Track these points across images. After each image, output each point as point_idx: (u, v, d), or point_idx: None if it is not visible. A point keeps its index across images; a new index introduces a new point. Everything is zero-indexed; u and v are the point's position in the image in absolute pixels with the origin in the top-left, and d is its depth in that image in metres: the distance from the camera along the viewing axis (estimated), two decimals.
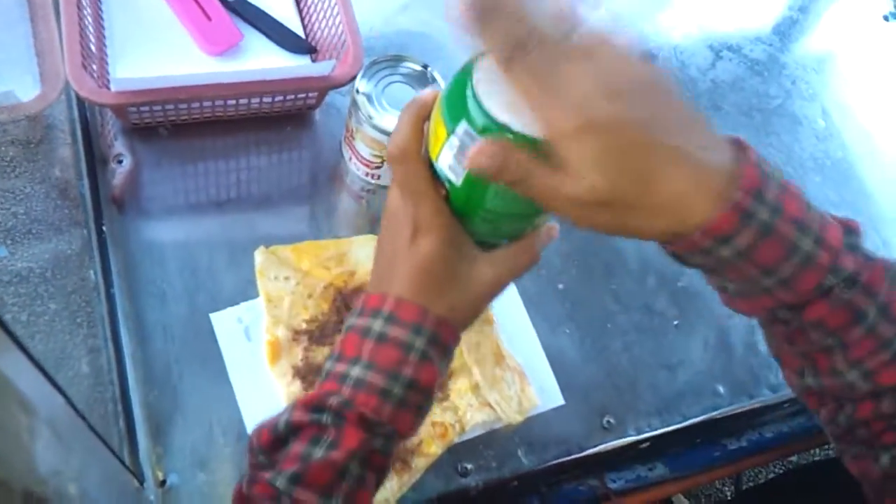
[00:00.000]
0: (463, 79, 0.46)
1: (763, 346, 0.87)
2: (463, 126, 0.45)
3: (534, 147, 0.43)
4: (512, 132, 0.43)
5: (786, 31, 1.16)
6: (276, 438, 0.50)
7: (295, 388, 0.72)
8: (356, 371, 0.50)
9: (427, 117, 0.51)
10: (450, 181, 0.49)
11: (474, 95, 0.45)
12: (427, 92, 0.52)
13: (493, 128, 0.44)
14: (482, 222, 0.51)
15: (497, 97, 0.44)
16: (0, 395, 0.26)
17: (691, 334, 0.86)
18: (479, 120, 0.44)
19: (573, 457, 0.77)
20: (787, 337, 0.50)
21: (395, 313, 0.50)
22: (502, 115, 0.44)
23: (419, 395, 0.51)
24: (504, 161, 0.43)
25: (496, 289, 0.54)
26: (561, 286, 0.86)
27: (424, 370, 0.50)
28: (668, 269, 0.89)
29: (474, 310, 0.54)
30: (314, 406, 0.50)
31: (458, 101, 0.46)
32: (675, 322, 0.86)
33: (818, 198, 0.99)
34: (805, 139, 1.05)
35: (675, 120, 0.42)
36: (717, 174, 0.42)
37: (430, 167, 0.50)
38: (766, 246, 0.43)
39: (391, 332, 0.50)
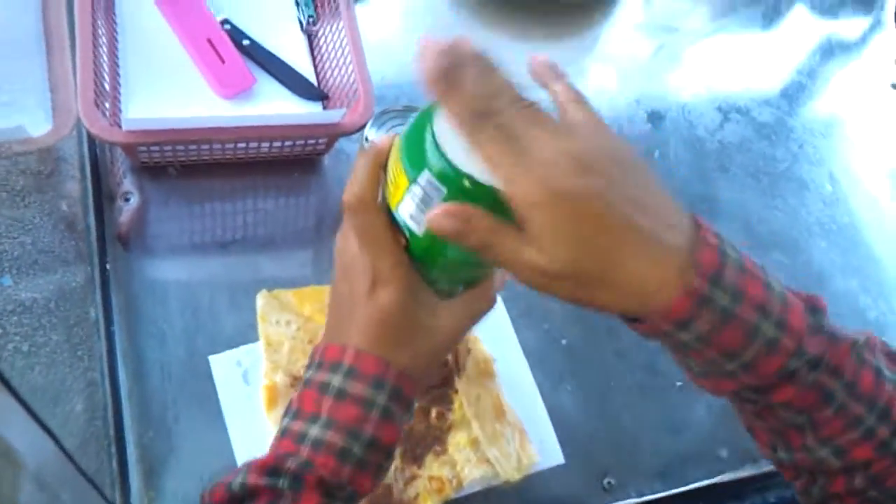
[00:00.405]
0: (423, 123, 0.45)
1: None
2: (425, 175, 0.44)
3: (497, 200, 0.41)
4: (475, 183, 0.42)
5: (794, 95, 1.16)
6: (230, 499, 0.48)
7: None
8: (315, 431, 0.48)
9: (384, 164, 0.49)
10: (410, 230, 0.47)
11: (436, 142, 0.43)
12: (384, 138, 0.51)
13: (455, 178, 0.42)
14: (441, 271, 0.50)
15: (460, 144, 0.42)
16: None
17: (694, 396, 0.85)
18: (443, 169, 0.43)
19: None
20: (757, 414, 0.49)
21: (355, 367, 0.49)
22: (466, 165, 0.42)
23: (380, 455, 0.49)
24: (467, 226, 0.42)
25: (456, 336, 0.54)
26: (564, 342, 0.85)
27: (386, 428, 0.49)
28: None
29: (435, 359, 0.53)
30: (271, 469, 0.48)
31: (419, 148, 0.44)
32: (679, 383, 0.85)
33: (823, 263, 0.99)
34: (812, 203, 1.05)
35: (642, 197, 0.42)
36: (677, 256, 0.41)
37: (389, 214, 0.48)
38: (726, 332, 0.42)
39: (351, 388, 0.49)
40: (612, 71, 1.12)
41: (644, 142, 1.05)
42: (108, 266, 0.78)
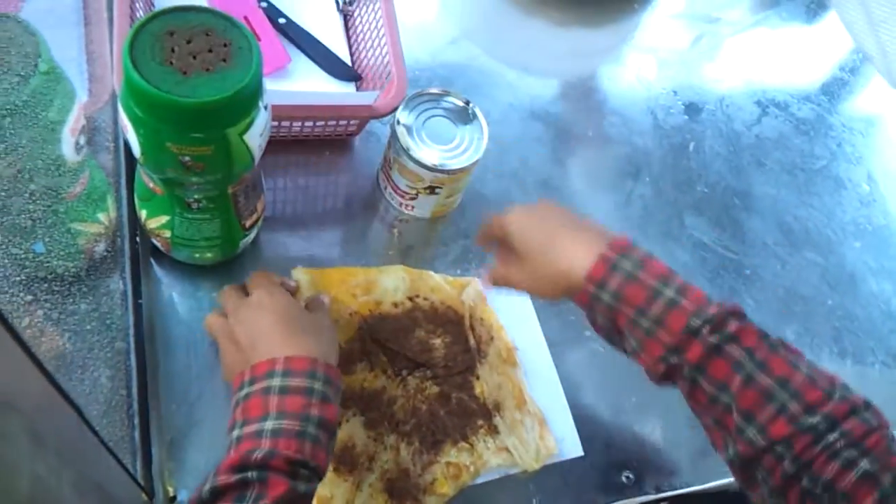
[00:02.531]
0: None
1: None
2: None
3: None
4: None
5: (835, 91, 1.14)
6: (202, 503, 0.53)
7: None
8: (269, 424, 0.57)
9: None
10: None
11: None
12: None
13: None
14: None
15: None
16: (3, 421, 0.26)
17: None
18: None
19: None
20: (693, 396, 0.58)
21: (288, 368, 0.60)
22: None
23: (327, 433, 0.59)
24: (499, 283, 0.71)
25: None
26: (588, 333, 0.84)
27: (328, 408, 0.59)
28: None
29: (336, 346, 0.68)
30: (238, 466, 0.54)
31: None
32: None
33: (856, 263, 0.98)
34: (848, 203, 1.04)
35: (571, 220, 0.66)
36: (598, 243, 0.61)
37: None
38: (631, 289, 0.58)
39: (291, 384, 0.59)
40: (650, 60, 1.10)
41: (679, 134, 1.04)
42: (137, 239, 0.78)
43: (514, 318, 0.82)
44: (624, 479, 0.77)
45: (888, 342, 0.93)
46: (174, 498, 0.68)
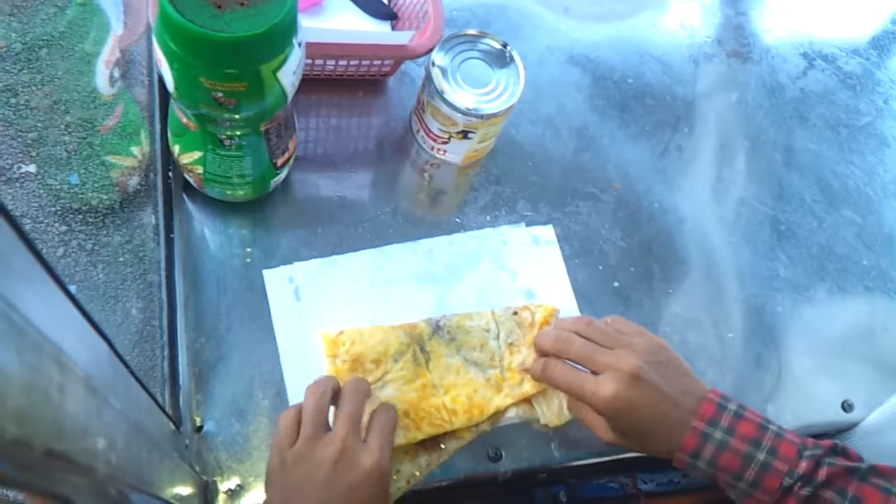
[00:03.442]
0: None
1: (822, 373, 0.84)
2: None
3: None
4: None
5: (885, 45, 1.10)
6: None
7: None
8: None
9: None
10: None
11: None
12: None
13: None
14: None
15: None
16: (33, 352, 0.26)
17: (745, 348, 0.84)
18: None
19: (604, 459, 0.76)
20: None
21: None
22: None
23: None
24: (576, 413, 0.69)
25: None
26: (616, 284, 0.84)
27: None
28: (730, 280, 0.87)
29: None
30: None
31: None
32: (730, 335, 0.84)
33: (893, 223, 0.95)
34: (890, 162, 1.01)
35: (666, 388, 0.64)
36: (688, 416, 0.63)
37: None
38: (725, 457, 0.61)
39: None
40: (694, 6, 1.07)
41: (722, 84, 1.01)
42: (170, 173, 0.79)
43: (543, 267, 0.82)
44: None
45: None
46: (201, 427, 0.70)
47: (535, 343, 0.72)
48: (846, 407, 0.83)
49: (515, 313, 0.76)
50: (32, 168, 0.79)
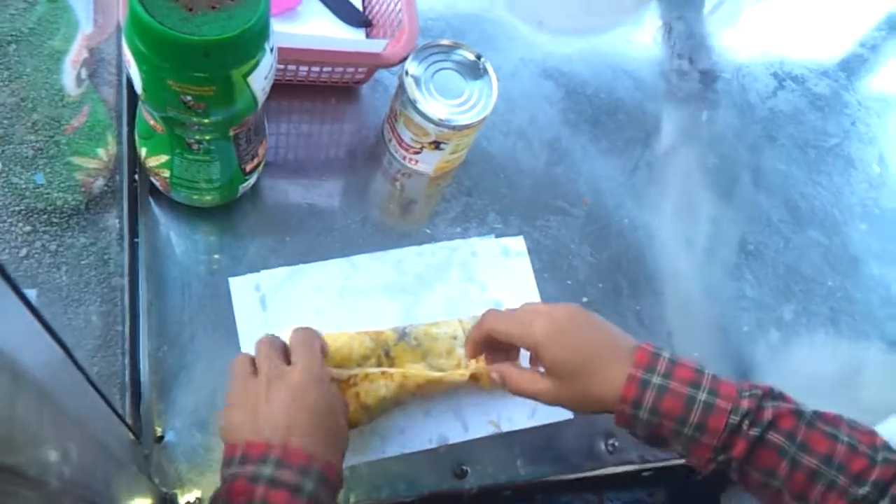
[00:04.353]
0: None
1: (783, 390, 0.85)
2: None
3: None
4: None
5: (854, 68, 1.12)
6: None
7: None
8: None
9: None
10: None
11: None
12: None
13: None
14: None
15: None
16: None
17: (711, 366, 0.84)
18: None
19: (570, 476, 0.76)
20: (745, 483, 0.61)
21: (283, 458, 0.56)
22: None
23: None
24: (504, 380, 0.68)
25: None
26: (585, 299, 0.84)
27: None
28: (697, 298, 0.88)
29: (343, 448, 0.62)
30: None
31: None
32: (695, 353, 0.84)
33: (860, 246, 0.97)
34: (857, 183, 1.02)
35: (598, 330, 0.65)
36: (625, 361, 0.61)
37: None
38: (666, 402, 0.59)
39: (281, 476, 0.55)
40: (668, 24, 1.08)
41: (693, 102, 1.02)
42: (136, 176, 0.77)
43: (513, 279, 0.82)
44: (609, 446, 0.77)
45: (885, 328, 0.92)
46: (161, 438, 0.69)
47: (470, 343, 0.72)
48: None
49: None
50: None
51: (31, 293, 0.76)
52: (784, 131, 1.03)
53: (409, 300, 0.78)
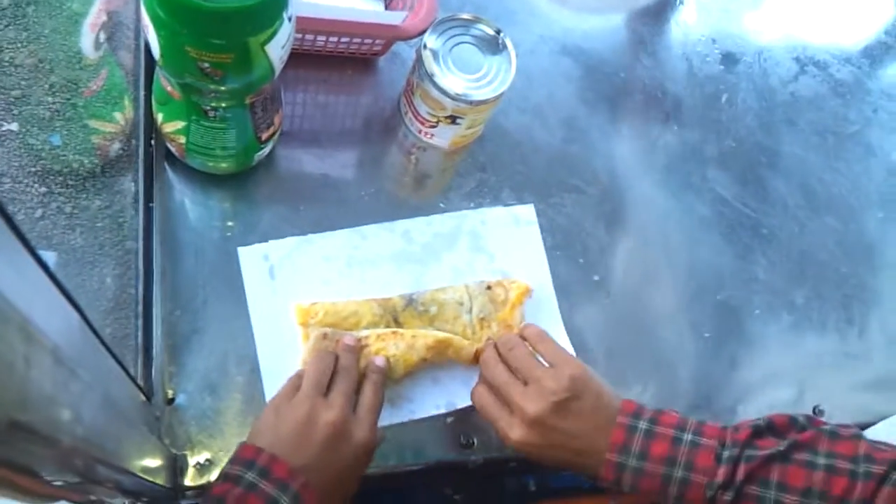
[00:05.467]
0: None
1: (795, 377, 0.85)
2: None
3: None
4: None
5: (877, 55, 1.11)
6: None
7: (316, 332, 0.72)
8: None
9: None
10: None
11: None
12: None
13: None
14: None
15: None
16: None
17: (721, 348, 0.84)
18: None
19: None
20: None
21: (267, 467, 0.58)
22: None
23: None
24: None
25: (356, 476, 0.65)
26: (596, 278, 0.84)
27: None
28: (709, 280, 0.87)
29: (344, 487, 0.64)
30: None
31: None
32: (706, 334, 0.84)
33: (875, 234, 0.96)
34: (875, 171, 1.01)
35: (576, 423, 0.64)
36: (603, 445, 0.63)
37: None
38: (643, 482, 0.61)
39: (260, 485, 0.57)
40: (691, 4, 1.06)
41: (713, 84, 1.01)
42: (152, 141, 0.78)
43: (524, 256, 0.82)
44: None
45: None
46: (172, 400, 0.70)
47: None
48: (817, 412, 0.84)
49: (489, 287, 0.77)
50: (14, 126, 0.77)
51: (51, 256, 0.77)
52: (804, 116, 1.02)
53: (417, 270, 0.79)
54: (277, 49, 0.62)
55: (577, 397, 0.64)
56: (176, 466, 0.67)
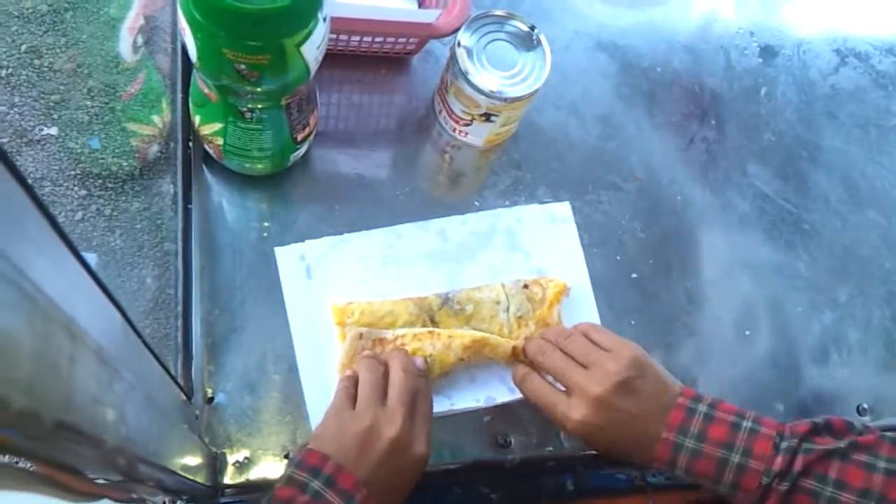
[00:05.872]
0: None
1: (838, 375, 0.83)
2: None
3: None
4: None
5: None
6: None
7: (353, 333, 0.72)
8: None
9: None
10: None
11: None
12: None
13: None
14: None
15: None
16: (44, 321, 0.26)
17: (762, 346, 0.83)
18: None
19: None
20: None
21: (333, 477, 0.58)
22: None
23: None
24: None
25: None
26: (634, 276, 0.83)
27: None
28: (750, 278, 0.86)
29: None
30: None
31: None
32: (747, 332, 0.83)
33: None
34: None
35: (636, 404, 0.63)
36: (661, 424, 0.62)
37: None
38: (699, 464, 0.61)
39: (326, 495, 0.57)
40: None
41: (752, 78, 0.99)
42: (190, 143, 0.78)
43: (561, 254, 0.81)
44: None
45: None
46: (212, 399, 0.70)
47: (523, 349, 0.72)
48: (861, 411, 0.82)
49: (526, 286, 0.76)
50: (54, 131, 0.79)
51: (91, 257, 0.78)
52: (845, 109, 1.00)
53: (453, 269, 0.78)
54: (313, 50, 0.62)
55: (639, 376, 0.64)
56: (215, 465, 0.68)
